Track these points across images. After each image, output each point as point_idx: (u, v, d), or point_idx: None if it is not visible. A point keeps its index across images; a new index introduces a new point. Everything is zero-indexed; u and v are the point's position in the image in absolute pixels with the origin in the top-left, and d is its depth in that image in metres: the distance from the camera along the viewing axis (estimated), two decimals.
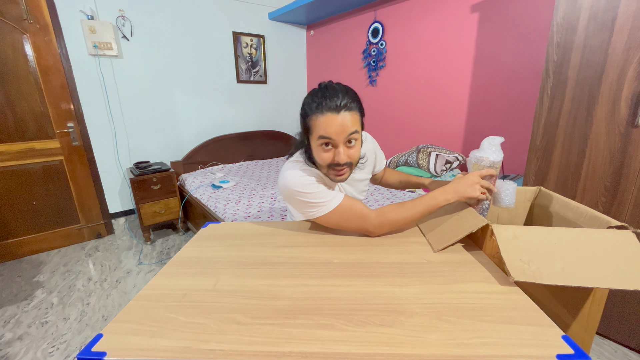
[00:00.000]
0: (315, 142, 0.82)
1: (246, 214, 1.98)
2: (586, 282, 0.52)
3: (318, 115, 0.78)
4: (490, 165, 0.81)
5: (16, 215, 2.24)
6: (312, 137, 0.82)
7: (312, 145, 0.85)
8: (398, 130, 2.81)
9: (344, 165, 0.82)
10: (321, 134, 0.79)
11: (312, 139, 0.83)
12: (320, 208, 0.83)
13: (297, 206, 0.87)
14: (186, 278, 0.66)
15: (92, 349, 0.47)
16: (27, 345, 1.49)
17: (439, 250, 0.73)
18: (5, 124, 2.11)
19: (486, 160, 0.81)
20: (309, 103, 0.81)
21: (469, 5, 2.10)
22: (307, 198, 0.83)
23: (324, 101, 0.78)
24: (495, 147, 0.82)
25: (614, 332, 1.40)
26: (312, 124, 0.80)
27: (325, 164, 0.83)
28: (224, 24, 3.00)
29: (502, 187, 0.81)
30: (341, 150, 0.80)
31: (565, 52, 1.28)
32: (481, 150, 0.83)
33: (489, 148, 0.81)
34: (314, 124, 0.80)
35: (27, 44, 2.11)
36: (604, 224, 0.64)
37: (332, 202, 0.83)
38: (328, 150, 0.81)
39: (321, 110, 0.78)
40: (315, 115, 0.79)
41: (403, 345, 0.45)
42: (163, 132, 2.89)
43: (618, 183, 1.24)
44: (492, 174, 0.81)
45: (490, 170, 0.81)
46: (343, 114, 0.77)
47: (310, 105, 0.81)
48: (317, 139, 0.80)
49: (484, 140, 0.83)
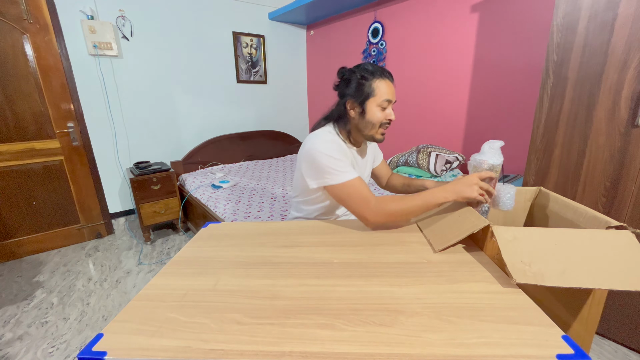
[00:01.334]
0: (375, 103, 0.97)
1: (246, 214, 1.98)
2: (588, 284, 0.52)
3: (381, 80, 0.96)
4: (489, 168, 0.82)
5: (16, 215, 2.24)
6: (374, 99, 0.97)
7: (368, 107, 0.98)
8: (398, 130, 2.81)
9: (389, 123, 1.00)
10: (387, 98, 0.96)
11: (373, 100, 0.97)
12: (334, 176, 0.92)
13: (315, 168, 0.95)
14: (186, 278, 0.66)
15: (93, 349, 0.47)
16: (27, 345, 1.49)
17: (439, 251, 0.73)
18: (5, 124, 2.11)
19: (486, 163, 0.82)
20: (369, 70, 0.97)
21: (469, 5, 2.10)
22: (329, 162, 0.92)
23: (380, 70, 0.97)
24: (495, 151, 0.83)
25: (614, 332, 1.40)
26: (376, 87, 0.96)
27: (379, 121, 0.98)
28: (224, 24, 3.00)
29: (502, 190, 0.82)
30: (390, 109, 0.99)
31: (565, 52, 1.28)
32: (481, 153, 0.84)
33: (488, 151, 0.83)
34: (378, 87, 0.96)
35: (27, 44, 2.11)
36: (604, 224, 0.64)
37: (346, 175, 0.91)
38: (383, 111, 0.98)
39: (383, 76, 0.97)
40: (378, 79, 0.96)
41: (403, 345, 0.45)
42: (163, 132, 2.88)
43: (618, 183, 1.24)
44: (492, 177, 0.82)
45: (489, 173, 0.81)
46: (393, 83, 0.99)
47: (371, 72, 0.96)
48: (382, 101, 0.96)
49: (484, 144, 0.84)
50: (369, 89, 0.96)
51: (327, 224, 0.93)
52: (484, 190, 0.80)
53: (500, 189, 0.82)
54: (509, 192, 0.81)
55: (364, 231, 0.87)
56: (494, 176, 0.82)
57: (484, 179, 0.81)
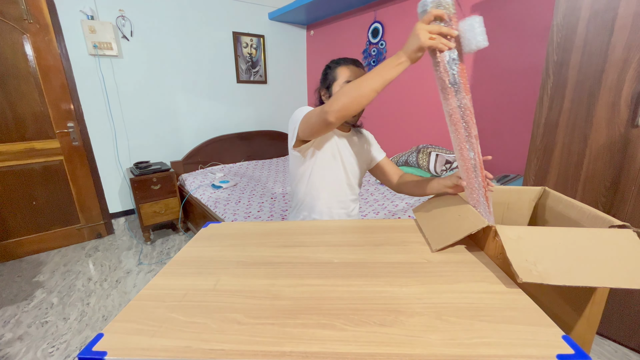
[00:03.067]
0: (339, 86, 1.04)
1: (246, 214, 1.98)
2: (592, 282, 0.52)
3: (344, 67, 1.05)
4: (435, 5, 0.66)
5: (16, 215, 2.24)
6: (337, 83, 1.04)
7: (333, 91, 1.05)
8: (398, 130, 2.82)
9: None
10: (347, 79, 1.02)
11: (337, 84, 1.04)
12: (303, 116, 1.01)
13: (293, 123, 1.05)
14: (186, 278, 0.66)
15: (93, 349, 0.47)
16: (27, 345, 1.49)
17: (437, 250, 0.73)
18: (5, 124, 2.11)
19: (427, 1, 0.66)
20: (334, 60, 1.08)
21: (469, 5, 2.10)
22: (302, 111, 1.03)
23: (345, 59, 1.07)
24: None
25: (614, 332, 1.40)
26: (339, 72, 1.05)
27: None
28: (224, 24, 3.00)
29: (466, 25, 0.65)
30: None
31: (565, 52, 1.28)
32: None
33: None
34: (341, 71, 1.05)
35: (27, 44, 2.11)
36: (606, 224, 0.64)
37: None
38: None
39: (346, 63, 1.05)
40: (342, 66, 1.05)
41: (403, 345, 0.45)
42: (163, 132, 2.89)
43: (618, 183, 1.24)
44: (441, 16, 0.67)
45: (437, 12, 0.66)
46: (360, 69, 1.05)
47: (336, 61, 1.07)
48: (344, 83, 1.02)
49: None
50: (333, 75, 1.06)
51: (327, 224, 0.93)
52: (437, 34, 0.67)
53: (463, 25, 0.66)
54: (473, 24, 0.64)
55: (364, 231, 0.87)
56: (443, 16, 0.67)
57: (435, 21, 0.68)
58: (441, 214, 0.84)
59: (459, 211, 0.79)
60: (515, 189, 0.93)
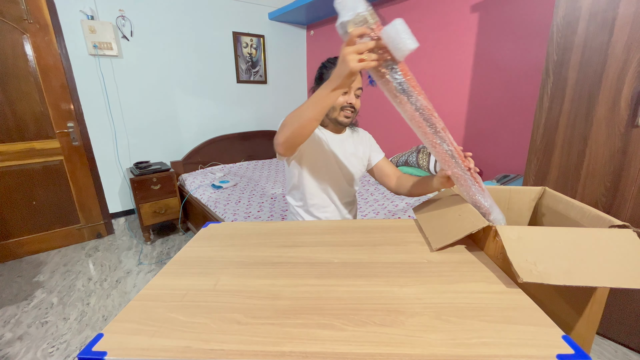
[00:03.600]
0: None
1: (246, 214, 1.98)
2: (593, 282, 0.52)
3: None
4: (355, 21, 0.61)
5: (16, 215, 2.24)
6: None
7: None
8: (398, 130, 2.82)
9: (352, 108, 1.05)
10: None
11: None
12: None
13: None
14: (186, 278, 0.66)
15: (93, 349, 0.46)
16: (27, 345, 1.49)
17: (436, 250, 0.73)
18: (5, 124, 2.11)
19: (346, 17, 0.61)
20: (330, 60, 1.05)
21: (469, 5, 2.10)
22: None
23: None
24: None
25: (614, 332, 1.40)
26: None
27: (340, 105, 1.04)
28: (224, 24, 3.00)
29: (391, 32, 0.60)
30: (352, 95, 1.04)
31: (565, 52, 1.28)
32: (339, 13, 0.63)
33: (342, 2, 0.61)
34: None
35: (27, 44, 2.11)
36: (606, 224, 0.64)
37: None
38: (343, 95, 1.03)
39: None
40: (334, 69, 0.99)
41: (403, 345, 0.45)
42: (163, 132, 2.89)
43: (618, 183, 1.24)
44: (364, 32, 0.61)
45: (358, 31, 0.61)
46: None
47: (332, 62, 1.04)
48: None
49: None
50: (328, 75, 1.01)
51: (327, 224, 0.93)
52: (364, 51, 0.63)
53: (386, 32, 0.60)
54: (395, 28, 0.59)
55: (364, 231, 0.87)
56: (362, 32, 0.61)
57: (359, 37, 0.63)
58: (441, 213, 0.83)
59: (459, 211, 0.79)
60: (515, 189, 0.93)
